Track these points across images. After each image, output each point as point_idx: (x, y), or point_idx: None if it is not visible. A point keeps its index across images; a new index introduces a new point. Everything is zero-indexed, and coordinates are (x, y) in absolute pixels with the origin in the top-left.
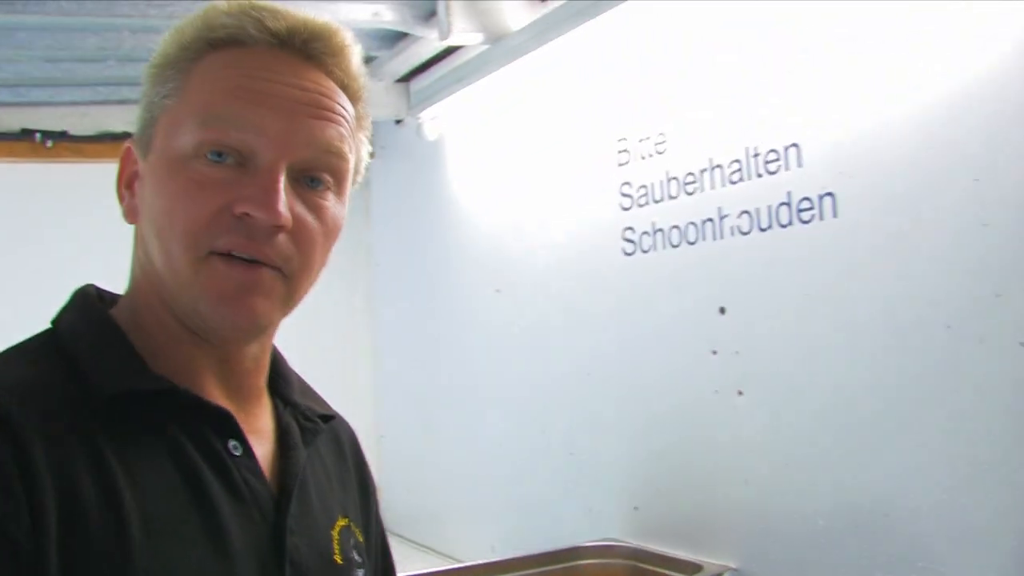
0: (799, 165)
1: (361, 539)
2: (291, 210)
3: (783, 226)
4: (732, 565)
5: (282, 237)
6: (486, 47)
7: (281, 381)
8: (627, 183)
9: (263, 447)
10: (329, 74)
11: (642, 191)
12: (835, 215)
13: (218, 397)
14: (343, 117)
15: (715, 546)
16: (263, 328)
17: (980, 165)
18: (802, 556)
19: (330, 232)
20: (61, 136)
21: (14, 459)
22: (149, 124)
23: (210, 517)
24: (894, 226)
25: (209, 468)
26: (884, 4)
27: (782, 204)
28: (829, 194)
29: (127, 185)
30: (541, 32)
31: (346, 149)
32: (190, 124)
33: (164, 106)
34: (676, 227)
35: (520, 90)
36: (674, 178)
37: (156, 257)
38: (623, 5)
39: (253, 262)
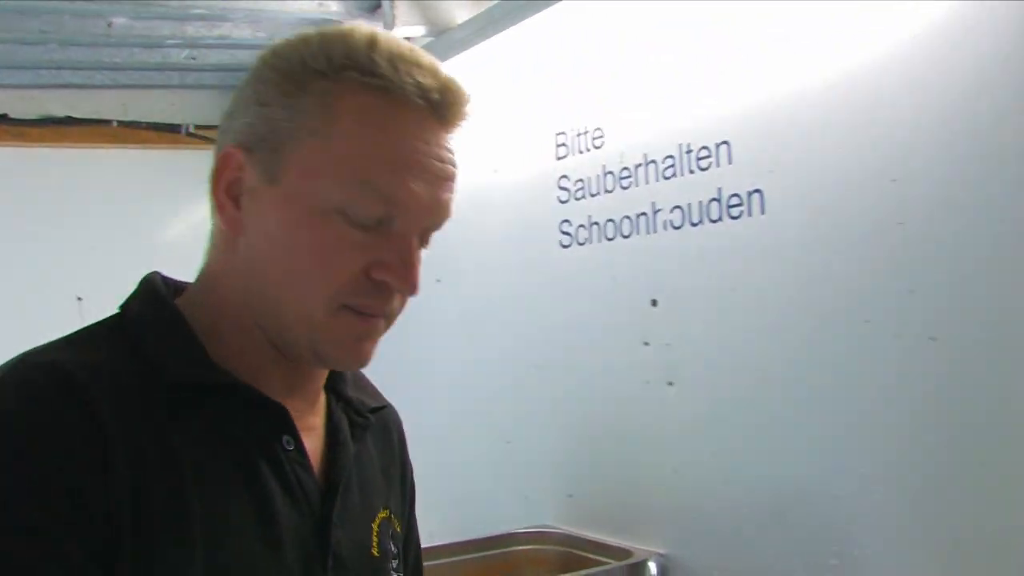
0: (729, 162)
1: (399, 529)
2: None
3: (713, 221)
4: (661, 551)
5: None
6: (429, 40)
7: (336, 375)
8: (565, 176)
9: (312, 442)
10: (453, 135)
11: (579, 184)
12: (763, 211)
13: (277, 393)
14: (457, 175)
15: (645, 532)
16: None
17: (898, 166)
18: (727, 542)
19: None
20: (2, 119)
21: (94, 434)
22: (274, 147)
23: (264, 508)
24: (818, 223)
25: (264, 462)
26: (812, 6)
27: (713, 200)
28: (757, 191)
29: (228, 192)
30: (483, 26)
31: None
32: (340, 182)
33: (300, 139)
34: (611, 220)
35: (462, 83)
36: (610, 172)
37: (275, 288)
38: (562, 4)
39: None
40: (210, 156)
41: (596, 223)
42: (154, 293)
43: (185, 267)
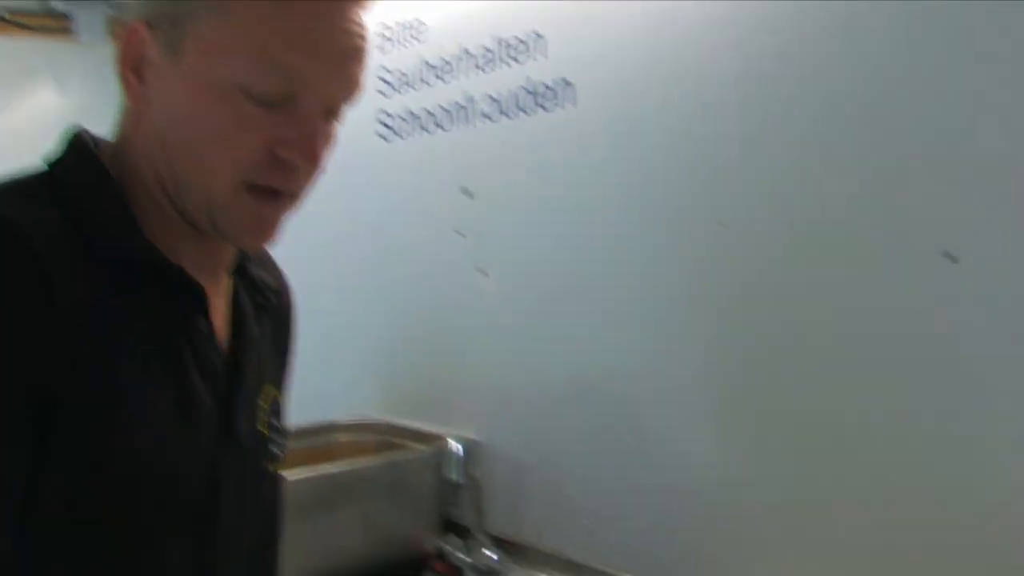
0: (544, 55)
1: (281, 402)
2: None
3: (526, 112)
4: (474, 437)
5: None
6: None
7: (240, 252)
8: (386, 69)
9: (217, 322)
10: (363, 7)
11: (401, 78)
12: (574, 103)
13: (193, 270)
14: (368, 49)
15: (459, 419)
16: None
17: (700, 56)
18: (536, 425)
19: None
20: None
21: (48, 302)
22: (175, 22)
23: (184, 391)
24: (623, 115)
25: (184, 342)
26: None
27: (527, 92)
28: (569, 83)
29: (133, 68)
30: None
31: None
32: (240, 61)
33: (199, 14)
34: (430, 113)
35: None
36: (430, 64)
37: (179, 165)
38: None
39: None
40: (28, 45)
41: (416, 116)
42: (88, 155)
43: (5, 164)
